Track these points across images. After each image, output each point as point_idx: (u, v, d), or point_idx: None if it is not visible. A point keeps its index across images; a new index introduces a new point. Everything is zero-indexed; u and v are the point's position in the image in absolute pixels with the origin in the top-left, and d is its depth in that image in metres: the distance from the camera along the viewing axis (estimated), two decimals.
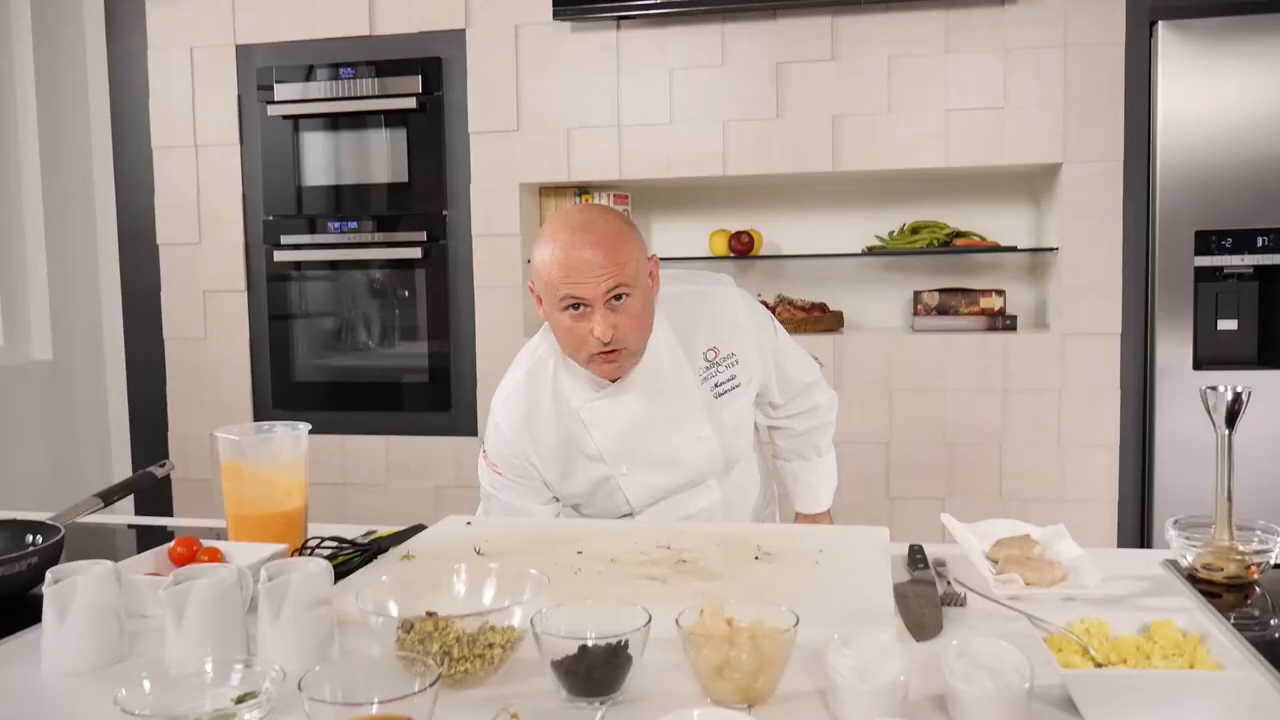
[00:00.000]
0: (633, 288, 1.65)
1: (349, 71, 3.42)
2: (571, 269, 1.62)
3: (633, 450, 1.81)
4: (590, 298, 1.62)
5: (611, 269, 1.62)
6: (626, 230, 1.69)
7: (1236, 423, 1.32)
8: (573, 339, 1.67)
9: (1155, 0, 3.00)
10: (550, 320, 1.71)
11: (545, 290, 1.68)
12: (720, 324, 1.84)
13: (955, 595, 1.28)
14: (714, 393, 1.82)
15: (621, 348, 1.67)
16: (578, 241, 1.63)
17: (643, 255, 1.70)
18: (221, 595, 1.11)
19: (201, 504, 3.59)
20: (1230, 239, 2.95)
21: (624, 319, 1.65)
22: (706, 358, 1.82)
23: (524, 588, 1.14)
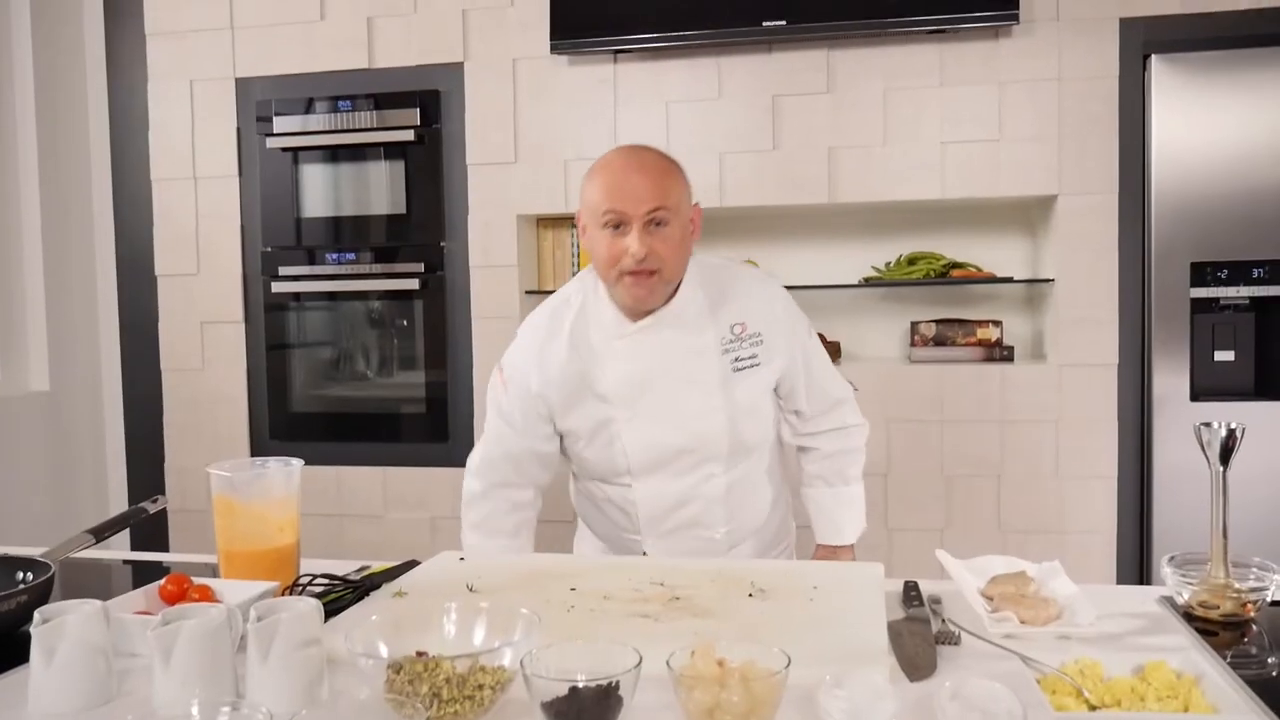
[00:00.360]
0: (672, 216, 1.75)
1: (348, 104, 3.44)
2: (616, 188, 1.72)
3: (640, 396, 1.84)
4: (630, 214, 1.71)
5: (655, 193, 1.72)
6: (675, 169, 1.80)
7: (1231, 459, 1.31)
8: (609, 255, 1.75)
9: (1148, 35, 3.02)
10: (591, 243, 1.79)
11: (589, 213, 1.78)
12: (751, 304, 1.88)
13: (949, 634, 1.28)
14: (733, 365, 1.85)
15: (655, 269, 1.74)
16: (626, 166, 1.75)
17: (686, 195, 1.80)
18: (210, 635, 1.10)
19: (198, 536, 3.57)
20: (1226, 270, 2.96)
21: (660, 242, 1.73)
22: (733, 331, 1.86)
23: (515, 627, 1.14)
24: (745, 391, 1.86)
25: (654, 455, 1.86)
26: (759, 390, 1.88)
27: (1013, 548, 3.14)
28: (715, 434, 1.85)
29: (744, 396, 1.86)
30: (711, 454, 1.87)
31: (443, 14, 3.38)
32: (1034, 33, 3.07)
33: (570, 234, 3.52)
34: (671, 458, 1.86)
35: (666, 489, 1.88)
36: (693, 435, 1.84)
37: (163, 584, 1.35)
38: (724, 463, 1.88)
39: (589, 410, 1.87)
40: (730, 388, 1.85)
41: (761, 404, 1.91)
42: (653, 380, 1.84)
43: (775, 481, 2.03)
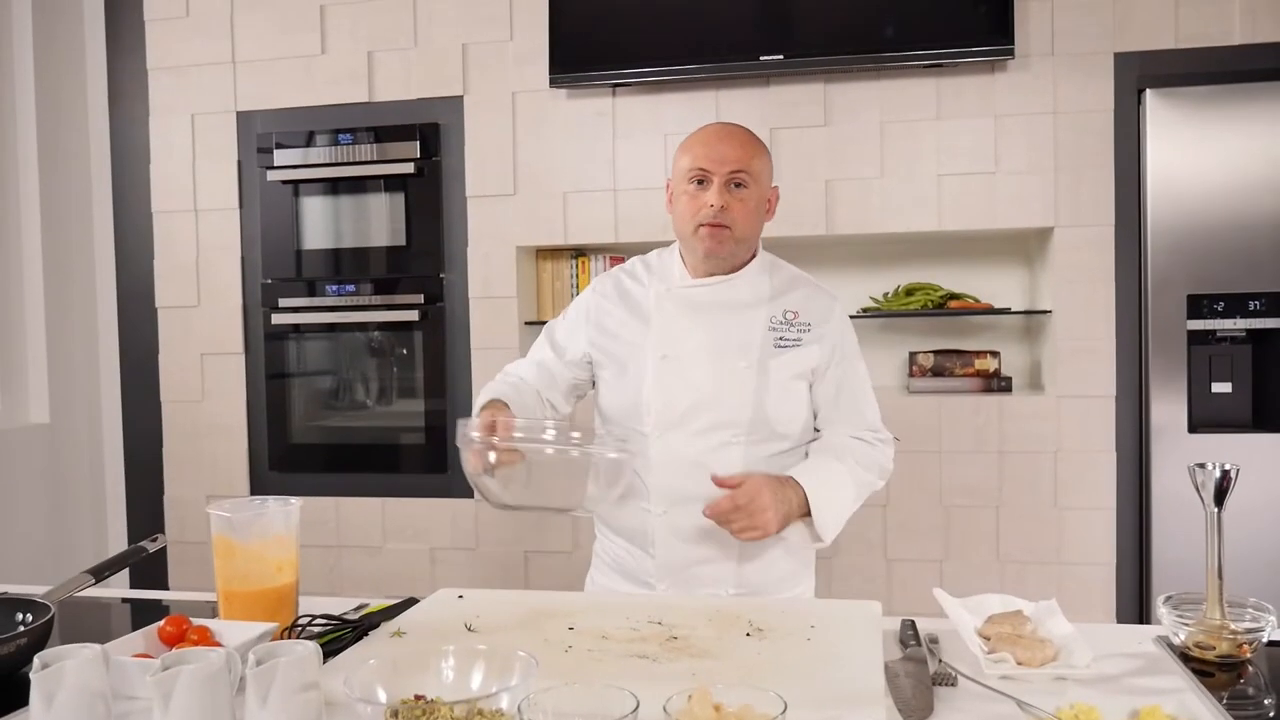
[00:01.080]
0: (752, 184, 1.87)
1: (348, 137, 3.46)
2: (704, 151, 1.87)
3: (679, 343, 1.92)
4: (714, 171, 1.84)
5: (739, 157, 1.85)
6: (761, 146, 1.92)
7: (1225, 500, 1.32)
8: (690, 207, 1.87)
9: (1142, 69, 3.05)
10: (676, 201, 1.91)
11: (677, 176, 1.90)
12: (810, 301, 1.96)
13: (946, 675, 1.28)
14: (775, 342, 1.91)
15: (729, 225, 1.85)
16: (719, 133, 1.90)
17: (768, 172, 1.92)
18: (209, 680, 1.10)
19: (196, 568, 3.58)
20: (1222, 303, 2.97)
21: (737, 202, 1.86)
22: (785, 316, 1.93)
23: (513, 670, 1.14)
24: (780, 367, 1.90)
25: (676, 405, 1.90)
26: (793, 370, 1.91)
27: (1011, 578, 3.14)
28: (739, 398, 1.89)
29: (777, 372, 1.90)
30: (732, 419, 1.89)
31: (442, 48, 3.41)
32: (1029, 67, 3.10)
33: (570, 265, 3.54)
34: (691, 410, 1.90)
35: (683, 450, 1.89)
36: (716, 394, 1.89)
37: (162, 625, 1.36)
38: (744, 434, 1.89)
39: (629, 341, 1.96)
40: (766, 360, 1.90)
41: (794, 388, 1.93)
42: (694, 331, 1.92)
43: None
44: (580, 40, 3.29)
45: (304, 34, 3.49)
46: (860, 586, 3.21)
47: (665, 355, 1.92)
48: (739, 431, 1.89)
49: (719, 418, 1.89)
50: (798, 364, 1.92)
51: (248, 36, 3.54)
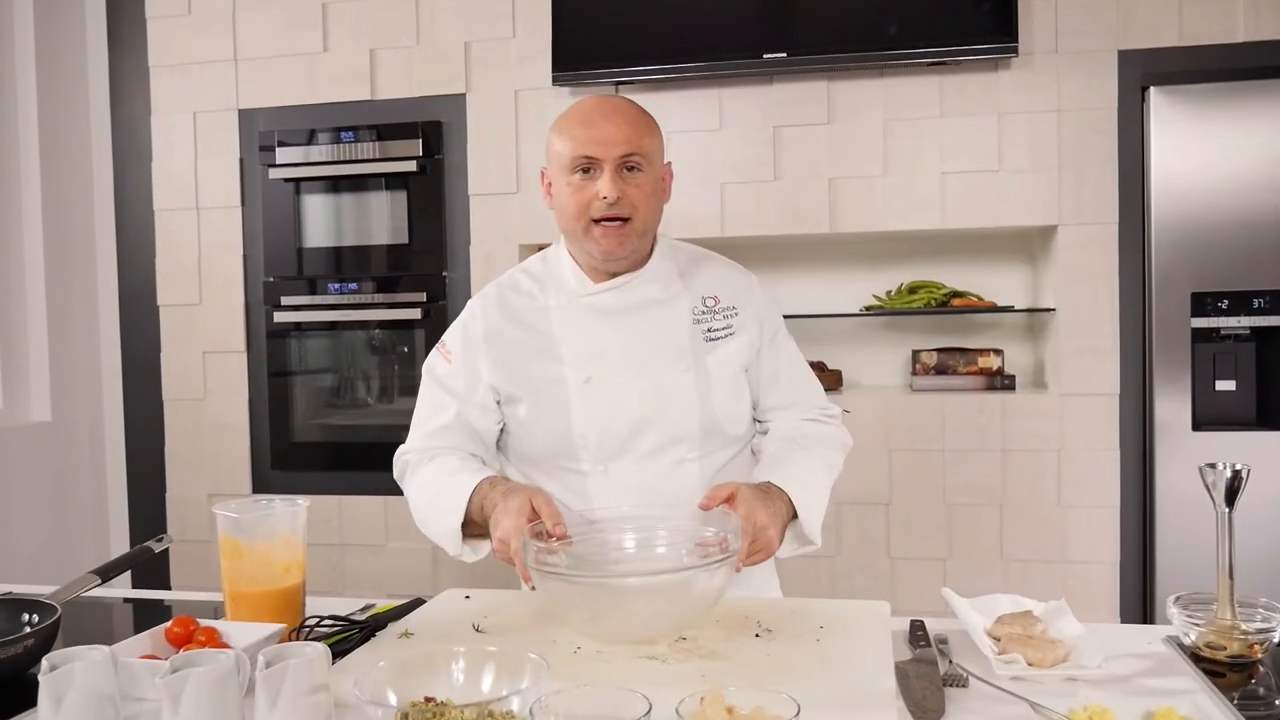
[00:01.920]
0: (646, 165, 1.65)
1: (350, 135, 3.45)
2: (587, 134, 1.63)
3: (599, 358, 1.71)
4: (602, 157, 1.62)
5: (629, 137, 1.63)
6: (649, 118, 1.70)
7: (1236, 501, 1.32)
8: (578, 202, 1.64)
9: (1146, 67, 3.04)
10: (557, 193, 1.69)
11: (556, 164, 1.67)
12: (725, 279, 1.80)
13: (957, 676, 1.28)
14: (705, 335, 1.74)
15: (628, 216, 1.64)
16: (598, 111, 1.66)
17: (660, 148, 1.71)
18: (218, 682, 1.10)
19: (199, 567, 3.57)
20: (1226, 300, 2.97)
21: (633, 188, 1.64)
22: (705, 303, 1.76)
23: (523, 672, 1.13)
24: (718, 362, 1.72)
25: (614, 429, 1.69)
26: (733, 363, 1.74)
27: (1015, 577, 3.14)
28: (684, 406, 1.70)
29: (716, 368, 1.72)
30: (681, 433, 1.70)
31: (445, 46, 3.41)
32: (1033, 65, 3.10)
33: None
34: (634, 433, 1.69)
35: (629, 478, 1.69)
36: (658, 406, 1.68)
37: (169, 627, 1.35)
38: (697, 446, 1.71)
39: (540, 369, 1.73)
40: (701, 356, 1.72)
41: (738, 383, 1.76)
42: (615, 342, 1.71)
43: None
44: (583, 38, 3.28)
45: (306, 31, 3.49)
46: (863, 585, 3.20)
47: (589, 378, 1.70)
48: (691, 446, 1.71)
49: (666, 435, 1.69)
50: (736, 356, 1.75)
51: (250, 34, 3.53)
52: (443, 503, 1.65)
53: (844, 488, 3.19)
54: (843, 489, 3.22)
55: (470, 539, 1.67)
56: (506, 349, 1.76)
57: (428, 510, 1.70)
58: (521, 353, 1.75)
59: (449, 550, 1.67)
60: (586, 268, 1.75)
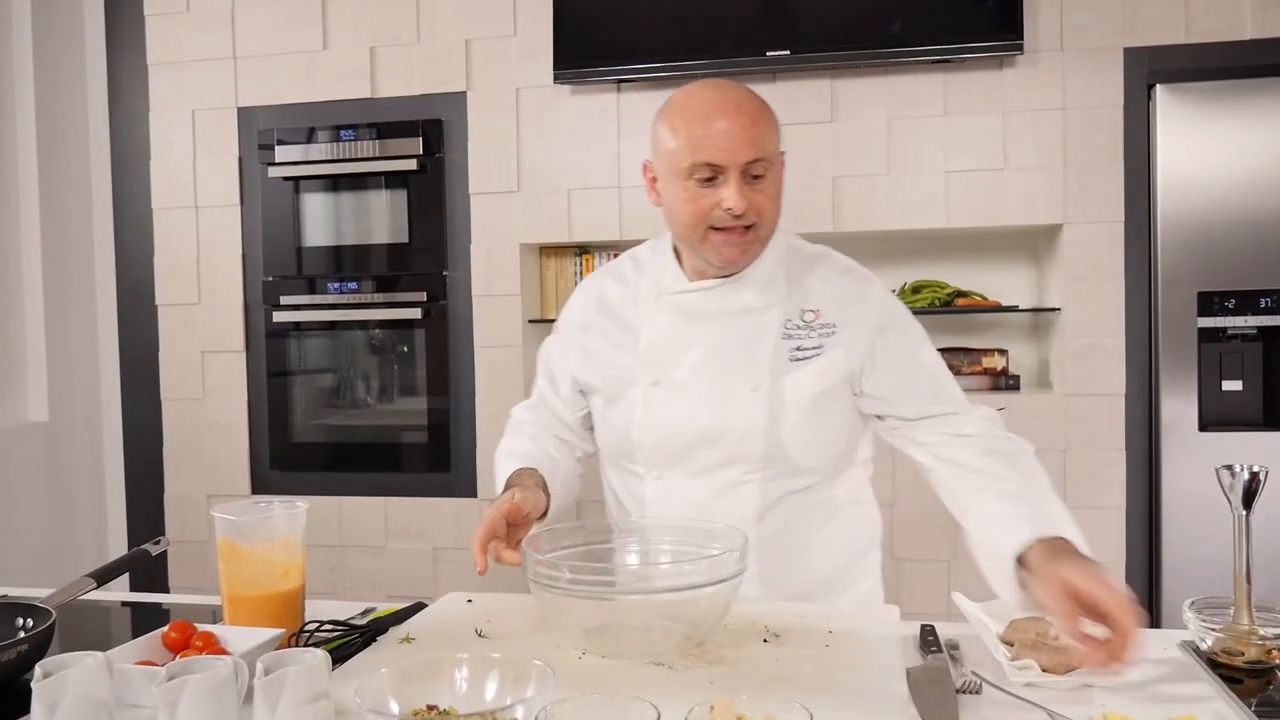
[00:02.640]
0: (770, 168, 1.53)
1: (349, 133, 3.43)
2: (707, 137, 1.48)
3: (671, 361, 1.62)
4: (726, 164, 1.48)
5: (753, 136, 1.49)
6: (769, 111, 1.55)
7: (1254, 503, 1.29)
8: (695, 210, 1.52)
9: (1152, 65, 3.02)
10: (667, 196, 1.56)
11: (668, 161, 1.54)
12: (833, 295, 1.63)
13: (970, 682, 1.25)
14: (791, 354, 1.59)
15: (753, 224, 1.53)
16: (718, 108, 1.50)
17: (779, 141, 1.56)
18: (216, 689, 1.08)
19: (197, 568, 3.55)
20: (1233, 300, 2.95)
21: (759, 196, 1.51)
22: (803, 317, 1.61)
23: (528, 680, 1.11)
24: (797, 386, 1.58)
25: (671, 437, 1.61)
26: (815, 387, 1.59)
27: None
28: (748, 426, 1.58)
29: (794, 392, 1.58)
30: (741, 453, 1.59)
31: (445, 43, 3.38)
32: (1038, 62, 3.07)
33: (574, 262, 3.51)
34: (690, 446, 1.60)
35: (681, 490, 1.61)
36: (720, 421, 1.57)
37: (166, 631, 1.33)
38: (758, 470, 1.60)
39: (618, 363, 1.67)
40: (780, 376, 1.58)
41: (820, 410, 1.60)
42: (691, 347, 1.61)
43: (846, 528, 1.69)
44: (584, 36, 3.25)
45: (306, 29, 3.46)
46: None
47: (656, 381, 1.62)
48: (751, 468, 1.60)
49: (724, 454, 1.59)
50: (820, 379, 1.59)
51: (249, 31, 3.50)
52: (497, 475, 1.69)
53: None
54: None
55: None
56: (594, 339, 1.72)
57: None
58: (606, 345, 1.70)
59: None
60: (687, 266, 1.65)
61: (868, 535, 1.80)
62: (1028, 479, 1.49)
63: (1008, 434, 1.59)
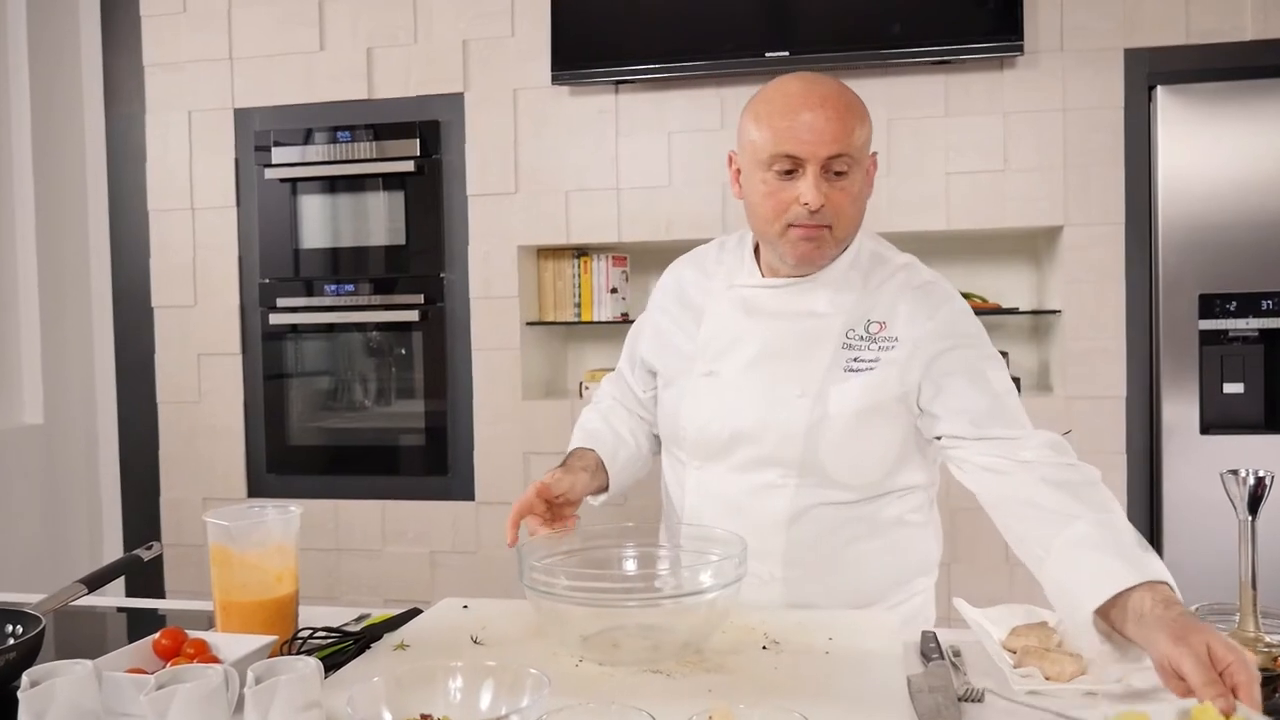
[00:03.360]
0: (854, 165, 1.48)
1: (347, 135, 3.41)
2: (790, 127, 1.45)
3: (725, 355, 1.61)
4: (807, 157, 1.45)
5: (838, 135, 1.45)
6: (861, 107, 1.51)
7: (1260, 508, 1.28)
8: (773, 204, 1.49)
9: (1153, 66, 3.01)
10: (749, 188, 1.54)
11: (750, 153, 1.52)
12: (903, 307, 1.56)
13: (972, 690, 1.23)
14: (846, 364, 1.55)
15: (829, 225, 1.49)
16: (806, 99, 1.47)
17: (868, 139, 1.52)
18: (206, 699, 1.06)
19: (193, 572, 3.53)
20: (1235, 302, 2.93)
21: (838, 194, 1.48)
22: (868, 329, 1.56)
23: (523, 688, 1.09)
24: (843, 398, 1.53)
25: (713, 430, 1.59)
26: (863, 401, 1.53)
27: (1020, 583, 3.09)
28: (789, 430, 1.54)
29: (839, 404, 1.53)
30: (778, 456, 1.56)
31: (443, 44, 3.36)
32: (1038, 63, 3.06)
33: (572, 264, 3.49)
34: (731, 442, 1.58)
35: (718, 485, 1.60)
36: (762, 421, 1.54)
37: (157, 639, 1.31)
38: (794, 476, 1.56)
39: (681, 348, 1.67)
40: (828, 386, 1.54)
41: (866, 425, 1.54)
42: (749, 343, 1.59)
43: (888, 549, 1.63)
44: (583, 37, 3.24)
45: (302, 30, 3.44)
46: None
47: (710, 371, 1.61)
48: (787, 472, 1.57)
49: (763, 454, 1.56)
50: (868, 393, 1.54)
51: (245, 32, 3.49)
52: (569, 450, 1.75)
53: None
54: None
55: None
56: (666, 320, 1.74)
57: None
58: (674, 328, 1.72)
59: None
60: (765, 263, 1.63)
61: (916, 560, 1.70)
62: (1099, 514, 1.38)
63: (1073, 460, 1.48)
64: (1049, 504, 1.40)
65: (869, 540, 1.62)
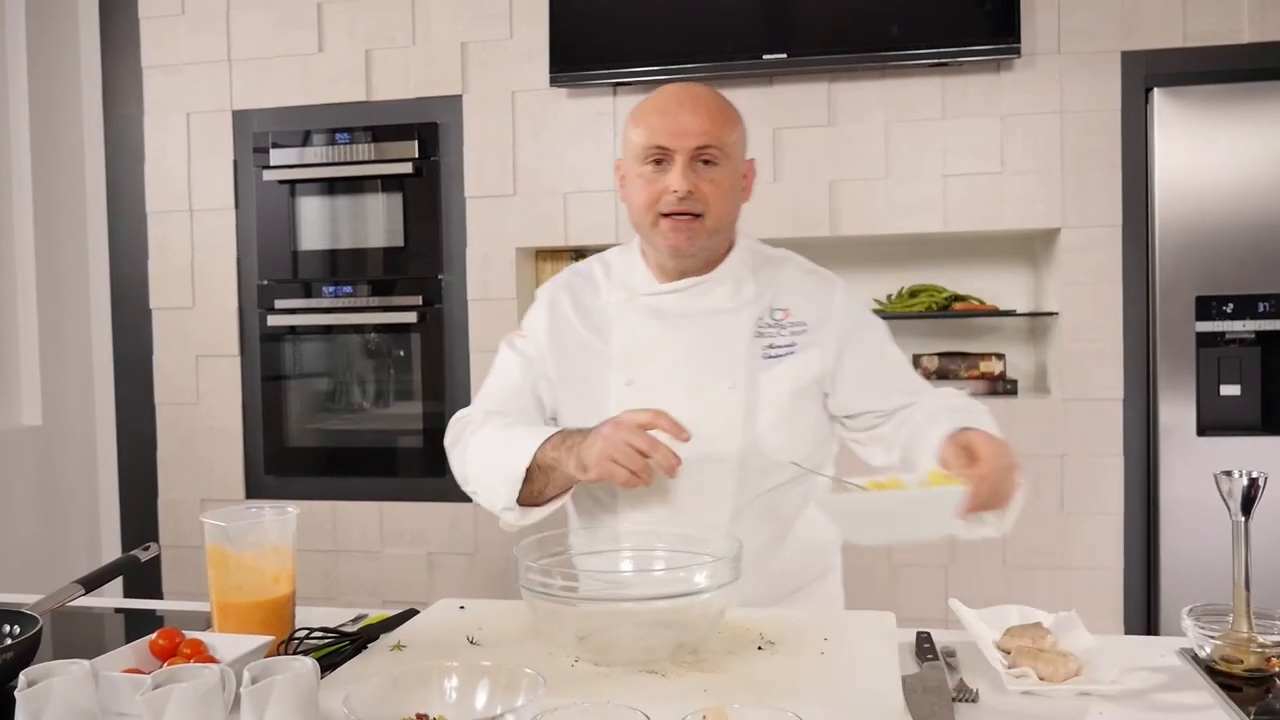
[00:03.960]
0: (723, 158, 1.58)
1: (345, 136, 3.42)
2: (661, 123, 1.56)
3: (645, 362, 1.64)
4: (676, 148, 1.55)
5: (704, 124, 1.55)
6: (732, 111, 1.62)
7: (1253, 509, 1.28)
8: (647, 194, 1.59)
9: (1149, 68, 3.01)
10: (628, 184, 1.63)
11: (630, 154, 1.61)
12: (801, 293, 1.68)
13: (967, 690, 1.24)
14: (764, 352, 1.64)
15: (699, 212, 1.57)
16: (678, 100, 1.59)
17: (742, 143, 1.63)
18: (203, 698, 1.06)
19: (191, 573, 3.53)
20: (1231, 304, 2.94)
21: (706, 183, 1.57)
22: (774, 316, 1.66)
23: (518, 689, 1.09)
24: (771, 381, 1.62)
25: None
26: (791, 384, 1.63)
27: (1018, 583, 3.10)
28: (725, 425, 1.60)
29: (769, 387, 1.62)
30: (719, 452, 1.59)
31: (441, 47, 3.37)
32: (1035, 66, 3.07)
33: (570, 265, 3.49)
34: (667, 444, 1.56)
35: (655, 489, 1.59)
36: (697, 418, 1.53)
37: (153, 639, 1.31)
38: (735, 469, 1.61)
39: (588, 364, 1.68)
40: (755, 374, 1.62)
41: (796, 407, 1.63)
42: (665, 347, 1.64)
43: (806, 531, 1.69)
44: (581, 39, 3.24)
45: (301, 32, 3.45)
46: (866, 592, 3.15)
47: (630, 381, 1.64)
48: (729, 467, 1.61)
49: (702, 452, 1.54)
50: (796, 376, 1.64)
51: (244, 34, 3.49)
52: (509, 451, 1.58)
53: None
54: None
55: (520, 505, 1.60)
56: (564, 337, 1.73)
57: (490, 458, 1.63)
58: (575, 344, 1.72)
59: (497, 504, 1.61)
60: (655, 266, 1.69)
61: (826, 538, 1.77)
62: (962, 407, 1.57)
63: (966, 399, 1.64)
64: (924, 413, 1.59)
65: (793, 524, 1.68)
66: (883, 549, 3.19)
